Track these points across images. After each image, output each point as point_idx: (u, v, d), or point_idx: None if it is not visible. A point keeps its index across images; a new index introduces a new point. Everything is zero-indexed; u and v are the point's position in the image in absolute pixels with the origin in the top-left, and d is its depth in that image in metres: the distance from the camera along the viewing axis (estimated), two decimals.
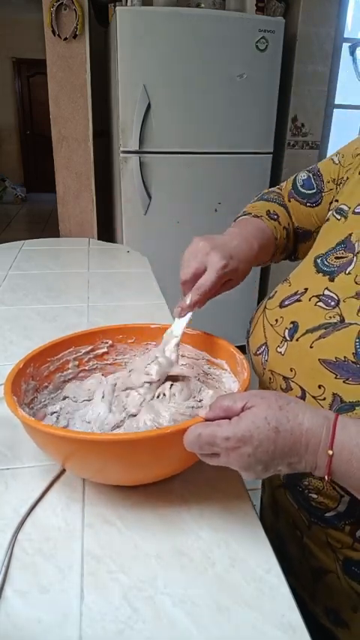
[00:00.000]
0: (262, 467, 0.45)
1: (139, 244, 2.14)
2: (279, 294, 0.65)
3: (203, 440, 0.46)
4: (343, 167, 0.70)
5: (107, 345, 0.72)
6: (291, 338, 0.58)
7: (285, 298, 0.63)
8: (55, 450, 0.54)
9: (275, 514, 0.70)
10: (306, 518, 0.61)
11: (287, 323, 0.60)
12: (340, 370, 0.51)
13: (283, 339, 0.59)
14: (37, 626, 0.42)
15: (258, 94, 2.33)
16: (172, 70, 2.18)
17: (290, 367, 0.57)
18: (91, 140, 2.23)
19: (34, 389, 0.63)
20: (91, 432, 0.59)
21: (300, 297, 0.61)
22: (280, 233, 0.75)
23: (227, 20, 2.18)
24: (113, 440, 0.50)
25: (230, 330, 1.13)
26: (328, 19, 2.43)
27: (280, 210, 0.77)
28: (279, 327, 0.61)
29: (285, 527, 0.67)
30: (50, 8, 1.99)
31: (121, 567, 0.48)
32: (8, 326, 1.04)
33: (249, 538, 0.52)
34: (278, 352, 0.59)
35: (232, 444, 0.44)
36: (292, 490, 0.62)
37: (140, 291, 1.29)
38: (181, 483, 0.58)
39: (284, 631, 0.42)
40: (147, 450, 0.50)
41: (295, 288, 0.63)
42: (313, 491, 0.58)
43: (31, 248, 1.64)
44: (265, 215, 0.75)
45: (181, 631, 0.42)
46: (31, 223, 6.15)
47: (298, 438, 0.43)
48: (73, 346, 0.69)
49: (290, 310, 0.61)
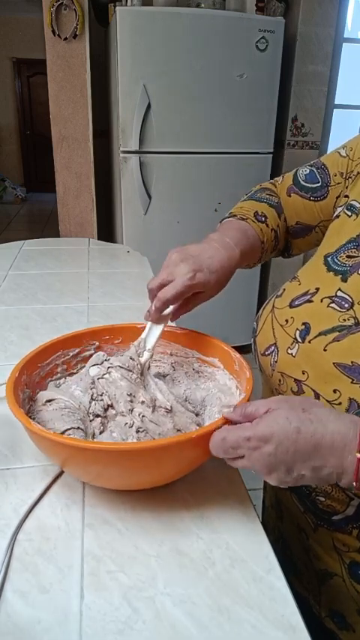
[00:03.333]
0: (285, 469, 0.44)
1: (139, 244, 2.14)
2: (288, 293, 0.64)
3: (228, 443, 0.46)
4: (353, 161, 0.68)
5: (94, 347, 0.72)
6: (302, 340, 0.57)
7: (295, 298, 0.61)
8: (55, 456, 0.54)
9: (279, 515, 0.69)
10: (312, 521, 0.60)
11: (298, 324, 0.58)
12: (358, 375, 0.50)
13: (294, 340, 0.58)
14: (37, 626, 0.42)
15: (258, 94, 2.33)
16: (172, 70, 2.18)
17: (302, 370, 0.56)
18: (91, 140, 2.23)
19: (29, 398, 0.62)
20: (90, 441, 0.57)
21: (311, 298, 0.59)
22: (268, 236, 0.73)
23: (227, 20, 2.18)
24: (113, 449, 0.49)
25: (230, 329, 1.13)
26: (328, 19, 2.43)
27: (269, 212, 0.75)
28: (289, 327, 0.59)
29: (289, 529, 0.67)
30: (50, 8, 1.99)
31: (121, 567, 0.48)
32: (8, 326, 1.04)
33: (249, 538, 0.52)
34: (289, 354, 0.58)
35: (254, 444, 0.44)
36: (298, 492, 0.61)
37: (140, 291, 1.29)
38: (182, 484, 0.58)
39: (284, 631, 0.42)
40: (147, 459, 0.49)
41: (305, 287, 0.61)
42: (320, 495, 0.57)
43: (31, 248, 1.64)
44: (251, 217, 0.73)
45: (181, 631, 0.42)
46: (31, 223, 6.15)
47: (319, 440, 0.42)
48: (61, 349, 0.68)
49: (301, 311, 0.59)
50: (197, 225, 2.49)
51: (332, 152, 0.73)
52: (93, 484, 0.57)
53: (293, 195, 0.74)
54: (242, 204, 0.77)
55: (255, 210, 0.74)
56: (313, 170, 0.73)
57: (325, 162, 0.72)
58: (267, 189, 0.79)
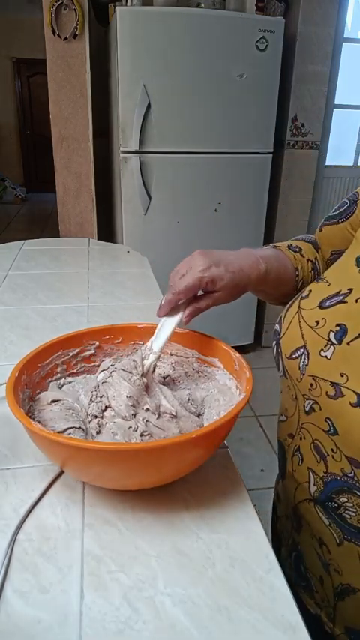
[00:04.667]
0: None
1: (139, 244, 2.14)
2: (315, 294, 0.61)
3: None
4: None
5: (94, 347, 0.72)
6: (339, 342, 0.54)
7: (325, 298, 0.59)
8: (54, 456, 0.55)
9: (296, 527, 0.66)
10: (337, 535, 0.58)
11: (332, 325, 0.56)
12: None
13: (329, 342, 0.55)
14: (37, 626, 0.42)
15: (258, 94, 2.33)
16: (172, 70, 2.18)
17: (340, 372, 0.53)
18: (91, 140, 2.23)
19: (29, 397, 0.62)
20: (91, 441, 0.58)
21: (344, 299, 0.56)
22: (303, 265, 0.72)
23: (227, 20, 2.18)
24: (111, 449, 0.49)
25: (230, 329, 1.13)
26: (328, 19, 2.43)
27: (303, 245, 0.74)
28: (321, 329, 0.57)
29: (307, 541, 0.64)
30: (50, 8, 1.99)
31: (121, 567, 0.48)
32: (8, 326, 1.04)
33: (249, 538, 0.52)
34: (323, 356, 0.55)
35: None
36: (324, 505, 0.59)
37: (140, 291, 1.29)
38: (181, 484, 0.58)
39: (284, 631, 0.42)
40: (146, 459, 0.49)
41: (336, 287, 0.59)
42: (351, 509, 0.54)
43: (31, 248, 1.64)
44: (284, 248, 0.72)
45: (181, 631, 0.42)
46: (31, 223, 6.15)
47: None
48: (61, 349, 0.68)
49: (334, 312, 0.57)
50: (197, 226, 2.49)
51: None
52: (93, 484, 0.57)
53: (324, 228, 0.73)
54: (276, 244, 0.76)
55: (289, 243, 0.74)
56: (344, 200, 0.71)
57: None
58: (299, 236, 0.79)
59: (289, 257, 0.71)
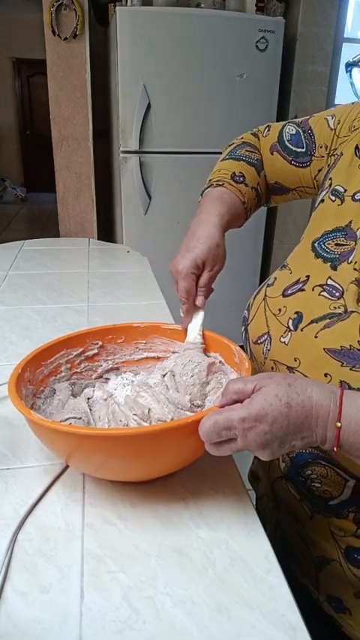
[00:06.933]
0: (279, 443, 0.45)
1: (139, 244, 2.14)
2: (280, 282, 0.65)
3: (220, 426, 0.46)
4: (338, 137, 0.68)
5: (97, 346, 0.72)
6: (295, 328, 0.58)
7: (287, 287, 0.63)
8: (59, 446, 0.55)
9: (276, 505, 0.70)
10: (308, 509, 0.62)
11: (291, 313, 0.60)
12: (347, 358, 0.52)
13: (287, 329, 0.60)
14: (37, 626, 0.42)
15: (258, 94, 2.33)
16: (172, 70, 2.17)
17: (294, 357, 0.57)
18: (91, 140, 2.23)
19: (32, 394, 0.63)
20: (93, 427, 0.59)
21: (303, 287, 0.61)
22: (248, 195, 0.74)
23: (227, 20, 2.17)
24: (116, 435, 0.50)
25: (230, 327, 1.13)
26: (328, 19, 2.43)
27: (247, 170, 0.75)
28: (282, 316, 0.61)
29: (285, 518, 0.68)
30: (50, 8, 1.99)
31: (121, 567, 0.48)
32: (8, 326, 1.04)
33: (249, 538, 0.52)
34: (282, 342, 0.60)
35: (249, 425, 0.45)
36: (293, 480, 0.62)
37: (140, 291, 1.29)
38: (181, 483, 0.58)
39: (284, 631, 0.42)
40: (147, 443, 0.50)
41: (296, 275, 0.63)
42: (316, 480, 0.58)
43: (31, 248, 1.64)
44: (229, 180, 0.74)
45: (181, 631, 0.42)
46: (31, 223, 6.15)
47: (308, 411, 0.44)
48: (65, 349, 0.69)
49: (294, 300, 0.61)
50: None
51: (321, 116, 0.72)
52: (96, 475, 0.57)
53: (275, 153, 0.75)
54: (220, 166, 0.78)
55: (232, 171, 0.75)
56: (299, 132, 0.72)
57: (313, 126, 0.71)
58: (248, 144, 0.79)
59: (235, 193, 0.73)
